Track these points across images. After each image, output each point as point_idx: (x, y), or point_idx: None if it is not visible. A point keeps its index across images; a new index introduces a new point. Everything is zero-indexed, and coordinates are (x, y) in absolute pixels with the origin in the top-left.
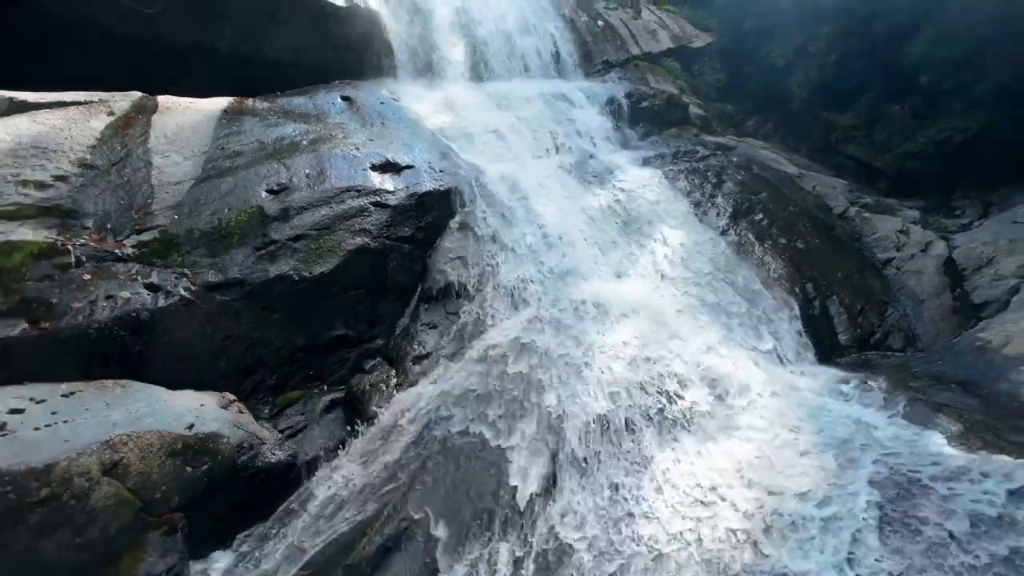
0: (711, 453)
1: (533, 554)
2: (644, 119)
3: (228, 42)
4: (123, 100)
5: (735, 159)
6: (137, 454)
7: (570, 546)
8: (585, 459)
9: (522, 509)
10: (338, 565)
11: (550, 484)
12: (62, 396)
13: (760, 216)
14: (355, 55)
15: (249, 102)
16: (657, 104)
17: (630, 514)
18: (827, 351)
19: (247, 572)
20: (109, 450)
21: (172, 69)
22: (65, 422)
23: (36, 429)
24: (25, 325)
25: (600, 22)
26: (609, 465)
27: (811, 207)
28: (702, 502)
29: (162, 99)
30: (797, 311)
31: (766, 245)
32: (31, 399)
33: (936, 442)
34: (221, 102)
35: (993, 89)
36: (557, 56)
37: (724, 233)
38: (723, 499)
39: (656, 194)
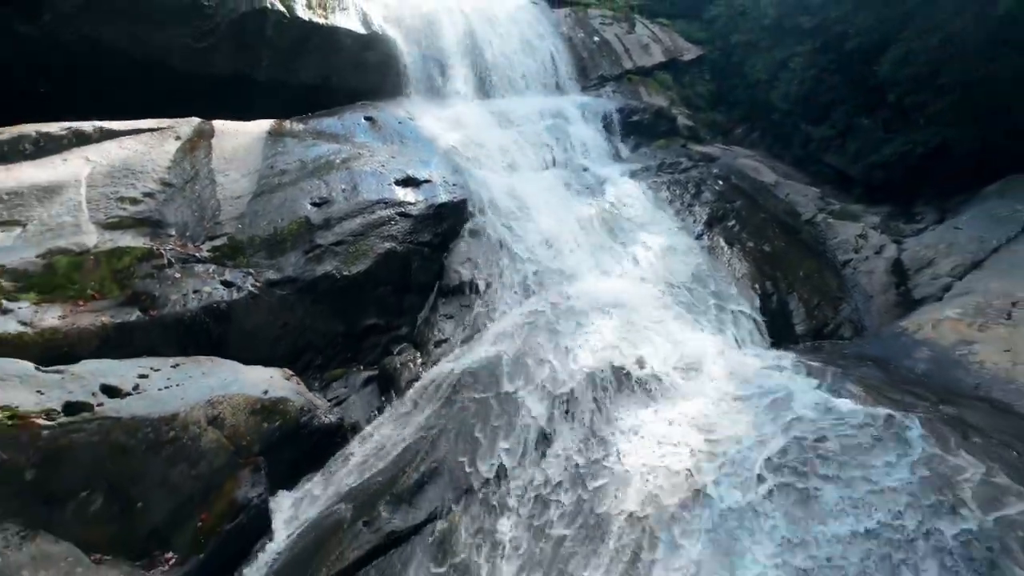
0: (670, 411)
1: (534, 478)
2: (634, 132)
3: (265, 71)
4: (186, 126)
5: (715, 170)
6: (230, 411)
7: (559, 475)
8: (574, 415)
9: (525, 453)
10: (384, 494)
11: (547, 433)
12: (171, 367)
13: (733, 223)
14: (374, 77)
15: (287, 124)
16: (646, 118)
17: (607, 454)
18: (784, 339)
19: (309, 504)
20: (210, 407)
21: (218, 95)
22: (177, 385)
23: (159, 389)
24: (138, 312)
25: (596, 38)
26: (592, 419)
27: (781, 214)
28: (660, 442)
29: (217, 124)
30: (757, 304)
31: (735, 249)
32: (151, 368)
33: (844, 403)
34: (265, 125)
35: (947, 106)
36: (556, 73)
37: (699, 238)
38: (675, 443)
39: (640, 204)
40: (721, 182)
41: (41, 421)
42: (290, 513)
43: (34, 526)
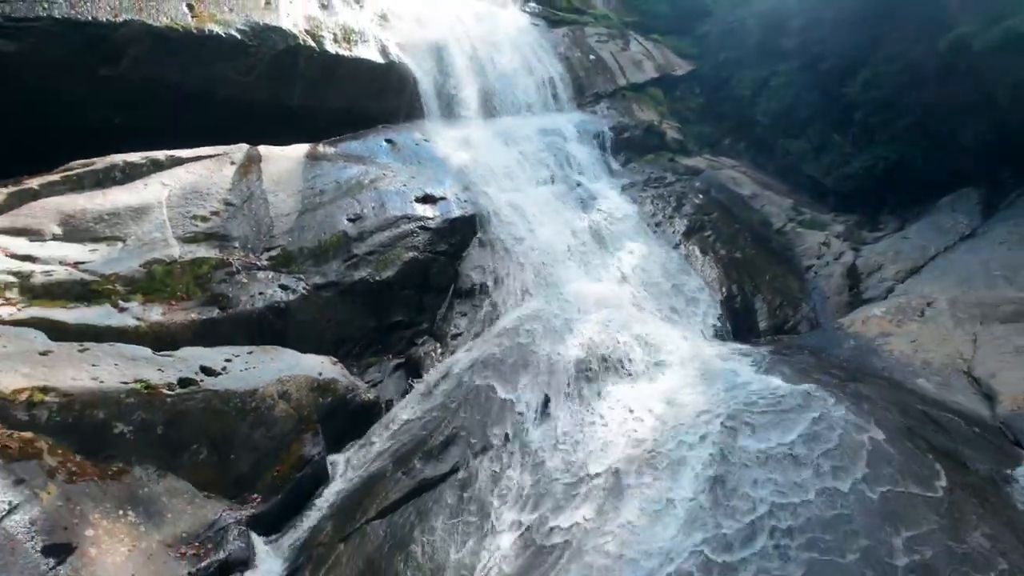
0: (643, 388)
1: (535, 439)
2: (625, 148)
3: (298, 99)
4: (238, 152)
5: (697, 184)
6: (295, 388)
7: (555, 436)
8: (566, 392)
9: (528, 422)
10: (417, 452)
11: (545, 405)
12: (247, 353)
13: (708, 233)
14: (392, 102)
15: (320, 148)
16: (637, 134)
17: (592, 422)
18: (748, 334)
19: (356, 462)
20: (280, 384)
21: (257, 121)
22: (254, 368)
23: (241, 371)
24: (218, 310)
25: (592, 56)
26: (580, 394)
27: (755, 224)
28: (632, 411)
29: (263, 149)
30: (724, 304)
31: (708, 256)
32: (233, 354)
33: (775, 381)
34: (302, 149)
35: (906, 126)
36: (554, 92)
37: (676, 247)
38: (646, 411)
39: (626, 216)
40: (701, 195)
41: (165, 391)
42: (342, 468)
43: (164, 468)
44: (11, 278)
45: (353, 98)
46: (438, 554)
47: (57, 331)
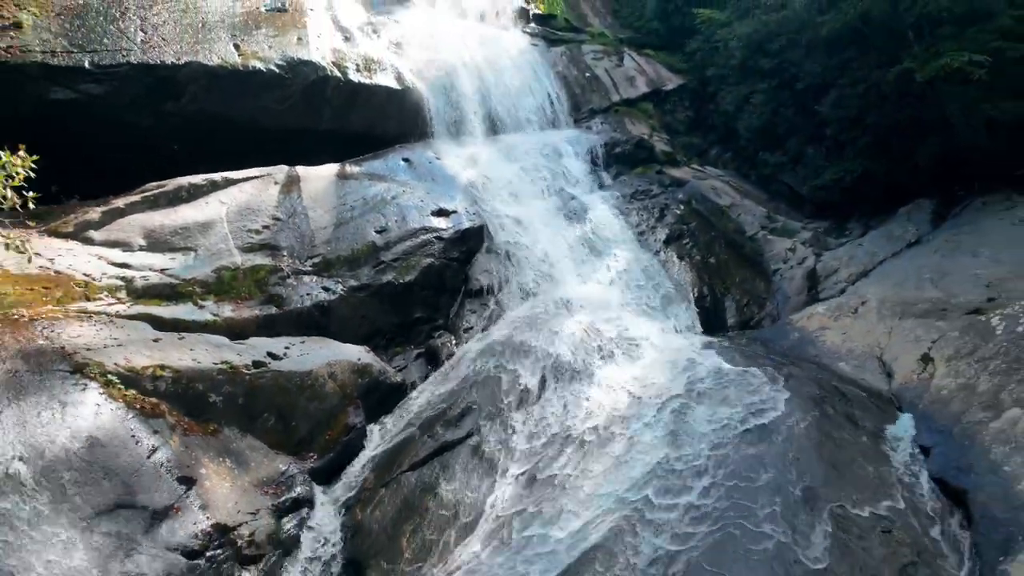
0: (622, 370)
1: (534, 410)
2: (617, 162)
3: (326, 123)
4: (280, 173)
5: (680, 195)
6: (340, 370)
7: (550, 409)
8: (559, 373)
9: (528, 397)
10: (439, 420)
11: (542, 383)
12: (300, 343)
13: (686, 240)
14: (407, 123)
15: (348, 168)
16: (627, 148)
17: (579, 397)
18: (718, 328)
19: (388, 430)
20: (329, 367)
21: (290, 143)
22: (307, 354)
23: (298, 356)
24: (274, 308)
25: (588, 73)
26: (571, 375)
27: (730, 231)
28: (612, 387)
29: (300, 170)
30: (694, 303)
31: (684, 261)
32: (290, 343)
33: (724, 364)
34: (333, 168)
35: (870, 142)
36: (552, 109)
37: (657, 254)
38: (622, 388)
39: (614, 226)
40: (682, 206)
41: (244, 370)
42: (378, 435)
43: (245, 430)
44: (119, 281)
45: (372, 121)
46: (457, 495)
47: (157, 323)
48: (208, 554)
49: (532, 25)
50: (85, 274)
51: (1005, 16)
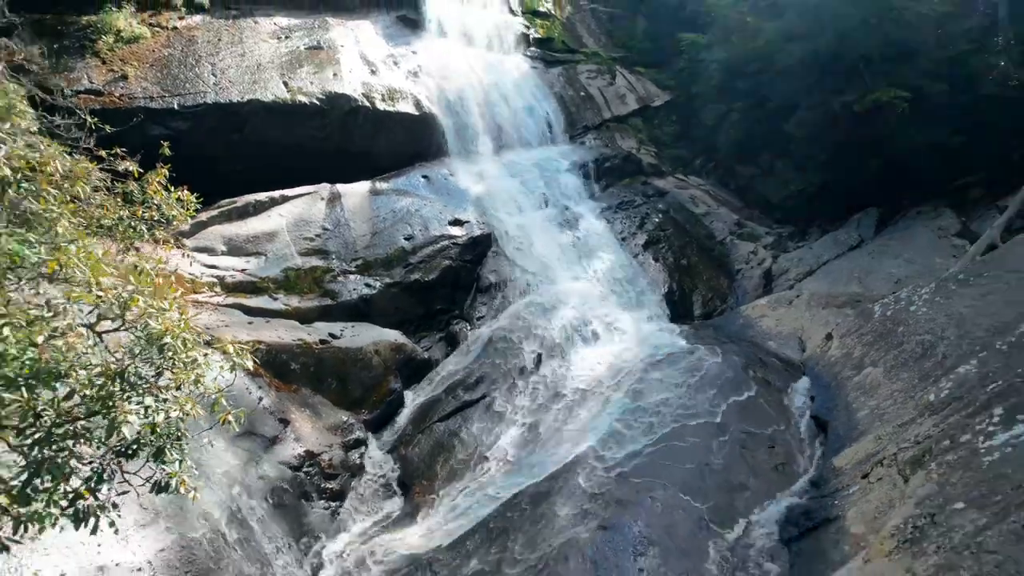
0: (602, 349)
1: (533, 378)
2: (606, 175)
3: (357, 146)
4: (324, 190)
5: (660, 205)
6: (382, 347)
7: (545, 377)
8: (552, 351)
9: (529, 369)
10: (459, 386)
11: (538, 359)
12: (351, 327)
13: (662, 245)
14: (424, 144)
15: (377, 184)
16: (616, 162)
17: (567, 368)
18: (686, 318)
19: (420, 395)
20: (374, 345)
21: (326, 162)
22: (358, 335)
23: (351, 336)
24: (329, 300)
25: (582, 92)
26: (562, 352)
27: (702, 237)
28: (595, 362)
29: (340, 187)
30: (664, 298)
31: (658, 263)
32: (344, 327)
33: (680, 343)
34: (365, 185)
35: (828, 158)
36: (550, 127)
37: (636, 256)
38: (601, 362)
39: (600, 233)
40: (661, 215)
41: (314, 345)
42: (411, 398)
43: (315, 390)
44: (214, 279)
45: (395, 142)
46: (475, 438)
47: (247, 311)
48: (304, 470)
49: (532, 48)
50: (189, 273)
51: (924, 59)
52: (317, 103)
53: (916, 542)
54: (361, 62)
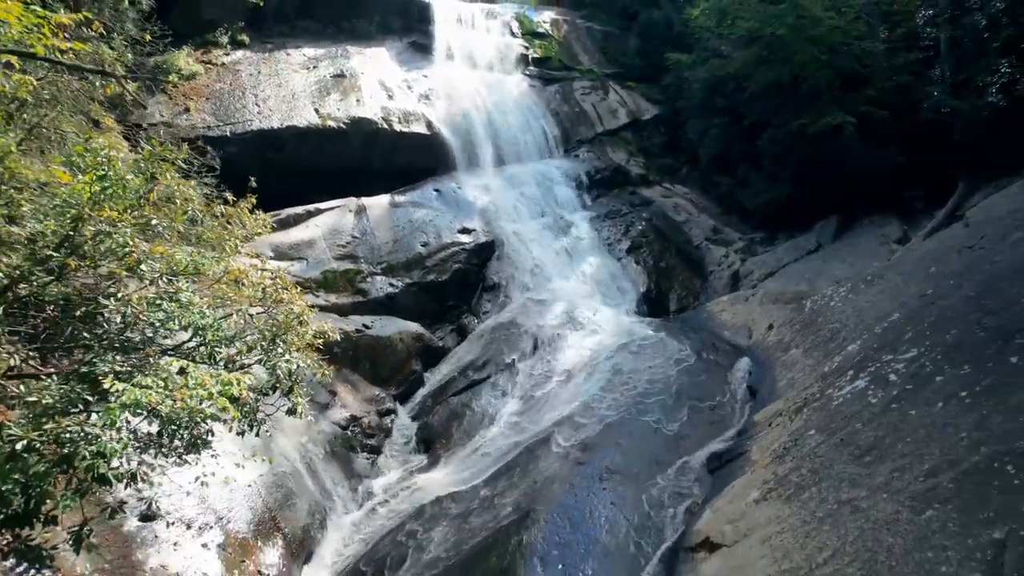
0: (588, 337)
1: (529, 362)
2: (598, 186)
3: (376, 164)
4: (351, 203)
5: (645, 214)
6: (406, 336)
7: (540, 360)
8: (547, 339)
9: (527, 353)
10: (469, 368)
11: (535, 345)
12: (379, 319)
13: (643, 250)
14: (435, 160)
15: (396, 197)
16: (607, 174)
17: (559, 353)
18: (662, 313)
19: (437, 375)
20: (399, 334)
21: (351, 178)
22: (385, 326)
23: (380, 327)
24: (360, 297)
25: (577, 108)
26: (555, 340)
27: (680, 243)
28: (580, 347)
29: (364, 200)
30: (642, 296)
31: (639, 266)
32: (374, 319)
33: (651, 333)
34: (385, 199)
35: (794, 171)
36: (547, 142)
37: (619, 260)
38: (586, 348)
39: (589, 240)
40: (644, 223)
41: (352, 333)
42: (429, 378)
43: (352, 370)
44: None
45: (410, 159)
46: (483, 410)
47: None
48: (349, 429)
49: (531, 68)
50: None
51: (872, 87)
52: (344, 127)
53: (782, 456)
54: (379, 88)
